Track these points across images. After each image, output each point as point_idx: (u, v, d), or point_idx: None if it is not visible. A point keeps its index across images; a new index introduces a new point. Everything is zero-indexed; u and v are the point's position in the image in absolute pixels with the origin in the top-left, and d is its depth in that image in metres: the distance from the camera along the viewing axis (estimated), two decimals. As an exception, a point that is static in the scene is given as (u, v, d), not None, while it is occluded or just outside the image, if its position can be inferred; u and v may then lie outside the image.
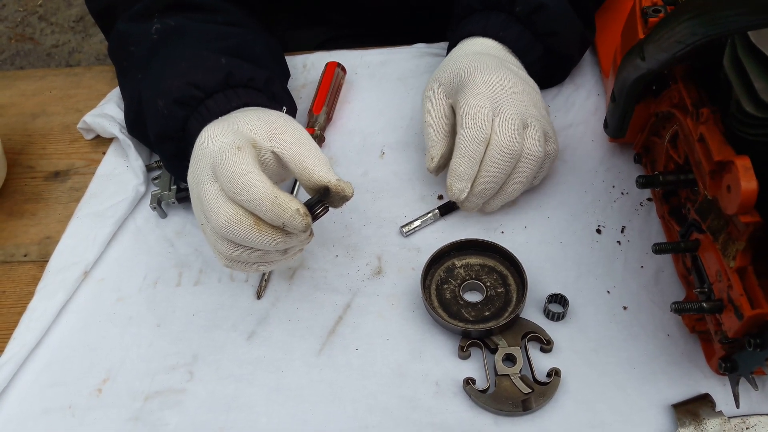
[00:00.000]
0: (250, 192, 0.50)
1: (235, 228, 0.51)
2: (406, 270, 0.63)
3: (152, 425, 0.56)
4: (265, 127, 0.55)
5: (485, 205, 0.64)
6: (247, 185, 0.50)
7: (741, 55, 0.44)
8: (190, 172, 0.55)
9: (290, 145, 0.54)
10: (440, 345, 0.58)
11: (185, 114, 0.61)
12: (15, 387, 0.59)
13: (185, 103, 0.60)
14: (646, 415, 0.53)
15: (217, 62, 0.63)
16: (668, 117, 0.58)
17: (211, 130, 0.54)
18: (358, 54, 0.84)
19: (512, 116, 0.60)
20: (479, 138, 0.60)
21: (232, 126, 0.55)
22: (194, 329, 0.61)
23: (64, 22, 2.44)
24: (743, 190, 0.42)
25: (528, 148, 0.61)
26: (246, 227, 0.51)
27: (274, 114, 0.57)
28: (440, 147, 0.65)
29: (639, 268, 0.61)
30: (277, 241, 0.52)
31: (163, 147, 0.64)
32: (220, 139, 0.53)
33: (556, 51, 0.71)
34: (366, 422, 0.54)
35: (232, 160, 0.51)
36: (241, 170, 0.50)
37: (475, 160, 0.60)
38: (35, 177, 0.77)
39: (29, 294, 0.64)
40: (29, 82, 0.88)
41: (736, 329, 0.45)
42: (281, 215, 0.50)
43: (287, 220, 0.50)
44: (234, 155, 0.51)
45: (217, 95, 0.61)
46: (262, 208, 0.50)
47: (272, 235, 0.51)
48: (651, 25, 0.58)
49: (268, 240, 0.51)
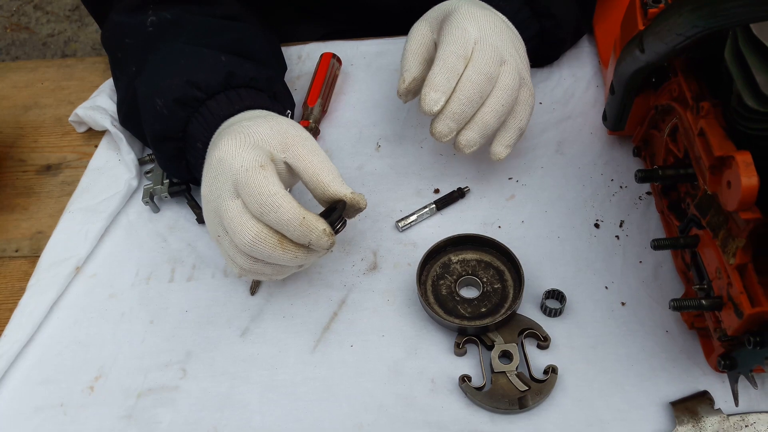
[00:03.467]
0: (278, 213, 0.51)
1: (259, 246, 0.52)
2: (402, 265, 0.63)
3: (145, 423, 0.55)
4: (278, 137, 0.55)
5: (460, 137, 0.61)
6: (276, 206, 0.51)
7: (743, 48, 0.43)
8: (207, 185, 0.55)
9: (303, 156, 0.55)
10: (436, 342, 0.58)
11: (186, 115, 0.60)
12: (6, 384, 0.58)
13: (186, 103, 0.60)
14: (645, 412, 0.52)
15: (217, 61, 0.62)
16: (668, 110, 0.57)
17: (229, 145, 0.54)
18: (353, 45, 0.83)
19: (493, 45, 0.60)
20: (459, 53, 0.59)
21: (249, 139, 0.54)
22: (187, 326, 0.60)
23: (60, 11, 2.41)
24: (744, 186, 0.41)
25: (503, 79, 0.60)
26: (270, 245, 0.52)
27: (284, 122, 0.57)
28: (414, 71, 0.64)
29: (638, 264, 0.60)
30: (299, 258, 0.53)
31: (160, 147, 0.62)
32: (242, 156, 0.53)
33: (551, 33, 0.71)
34: (361, 420, 0.54)
35: (258, 180, 0.51)
36: (268, 191, 0.51)
37: (453, 74, 0.59)
38: (27, 171, 0.76)
39: (20, 290, 0.64)
40: (21, 73, 0.87)
41: (736, 327, 0.45)
42: (308, 235, 0.52)
43: (314, 240, 0.52)
44: (260, 175, 0.51)
45: (219, 96, 0.60)
46: (290, 228, 0.51)
47: (295, 252, 0.53)
48: (651, 16, 0.57)
49: (291, 257, 0.53)
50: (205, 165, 0.56)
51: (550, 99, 0.74)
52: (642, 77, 0.55)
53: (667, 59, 0.49)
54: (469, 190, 0.67)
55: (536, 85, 0.76)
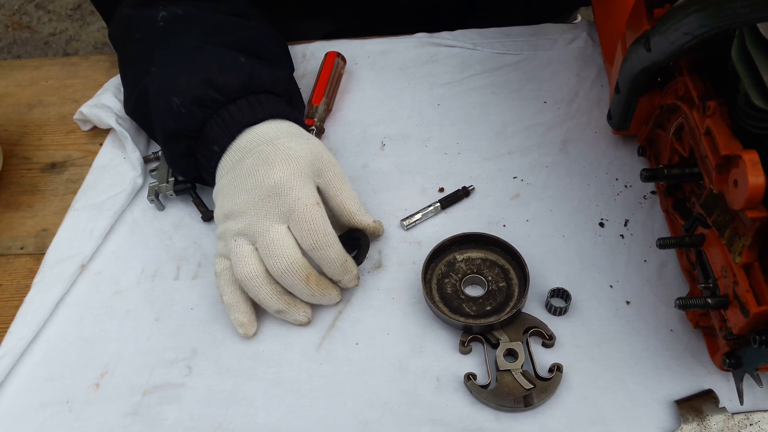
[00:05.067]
0: (328, 252, 0.56)
1: (289, 275, 0.55)
2: (407, 264, 0.63)
3: (151, 420, 0.55)
4: (316, 162, 0.59)
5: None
6: (329, 245, 0.56)
7: (750, 47, 0.43)
8: (245, 200, 0.57)
9: (334, 183, 0.59)
10: (441, 340, 0.58)
11: (204, 116, 0.60)
12: (11, 381, 0.58)
13: (204, 104, 0.60)
14: (649, 410, 0.52)
15: (236, 62, 0.62)
16: (673, 109, 0.57)
17: (286, 173, 0.56)
18: (358, 44, 0.83)
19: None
20: None
21: (302, 168, 0.57)
22: (193, 323, 0.61)
23: (62, 10, 2.42)
24: (751, 185, 0.41)
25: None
26: (299, 278, 0.55)
27: (317, 144, 0.60)
28: None
29: (642, 262, 0.60)
30: (315, 297, 0.57)
31: (172, 144, 0.62)
32: (300, 189, 0.56)
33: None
34: (366, 417, 0.54)
35: (317, 217, 0.55)
36: (324, 230, 0.55)
37: None
38: (31, 168, 0.76)
39: (26, 287, 0.64)
40: (25, 71, 0.87)
41: (742, 326, 0.45)
42: (344, 275, 0.58)
43: (345, 281, 0.58)
44: (318, 212, 0.55)
45: (240, 102, 0.60)
46: (332, 266, 0.56)
47: (313, 291, 0.57)
48: (656, 16, 0.57)
49: (308, 294, 0.57)
50: (246, 179, 0.57)
51: (555, 98, 0.74)
52: (647, 76, 0.55)
53: (673, 58, 0.50)
54: (473, 188, 0.67)
55: (540, 84, 0.76)
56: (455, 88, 0.77)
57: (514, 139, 0.71)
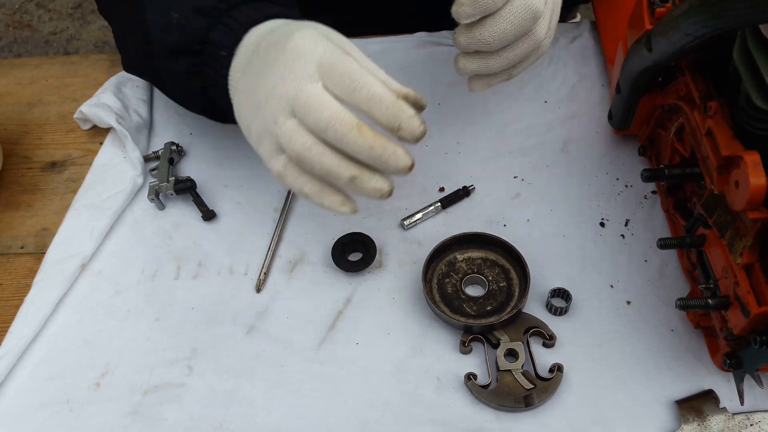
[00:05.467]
0: (371, 89, 0.48)
1: (337, 124, 0.48)
2: (407, 264, 0.63)
3: (151, 420, 0.55)
4: (332, 35, 0.53)
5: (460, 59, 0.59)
6: (368, 83, 0.48)
7: (752, 48, 0.43)
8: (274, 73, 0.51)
9: (361, 59, 0.51)
10: (441, 340, 0.58)
11: (207, 24, 0.57)
12: (12, 381, 0.58)
13: (207, 13, 0.57)
14: (650, 411, 0.52)
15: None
16: (674, 109, 0.57)
17: (305, 36, 0.51)
18: (359, 43, 0.82)
19: None
20: None
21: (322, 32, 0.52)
22: (193, 323, 0.60)
23: (62, 9, 2.41)
24: (752, 185, 0.41)
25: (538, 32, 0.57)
26: (348, 126, 0.48)
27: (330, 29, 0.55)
28: None
29: (643, 263, 0.60)
30: (377, 154, 0.48)
31: (173, 64, 0.60)
32: (323, 45, 0.50)
33: None
34: (366, 417, 0.54)
35: (348, 60, 0.49)
36: (359, 70, 0.49)
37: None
38: (32, 167, 0.76)
39: (26, 287, 0.64)
40: (25, 70, 0.87)
41: (742, 326, 0.45)
42: (400, 116, 0.48)
43: (405, 122, 0.48)
44: (347, 58, 0.50)
45: (242, 7, 0.58)
46: (381, 105, 0.48)
47: (372, 141, 0.48)
48: (658, 16, 0.57)
49: (367, 148, 0.48)
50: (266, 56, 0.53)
51: (556, 97, 0.74)
52: (649, 76, 0.55)
53: (675, 59, 0.49)
54: (474, 188, 0.67)
55: (541, 84, 0.76)
56: (455, 87, 0.77)
57: (514, 139, 0.71)
